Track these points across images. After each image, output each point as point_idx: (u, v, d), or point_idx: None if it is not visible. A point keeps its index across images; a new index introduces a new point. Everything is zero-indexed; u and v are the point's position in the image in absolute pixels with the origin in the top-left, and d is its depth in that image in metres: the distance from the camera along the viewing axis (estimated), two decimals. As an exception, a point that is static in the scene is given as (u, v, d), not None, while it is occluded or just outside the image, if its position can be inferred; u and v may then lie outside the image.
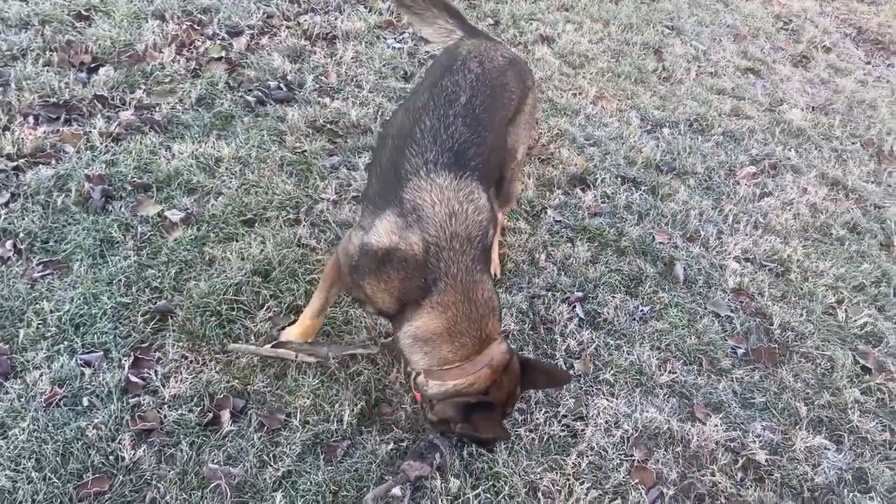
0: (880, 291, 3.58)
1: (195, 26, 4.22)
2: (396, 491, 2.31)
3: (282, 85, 3.94)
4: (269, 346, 2.62)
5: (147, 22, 4.10)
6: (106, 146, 3.25)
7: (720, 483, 2.56)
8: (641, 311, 3.16)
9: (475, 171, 2.30)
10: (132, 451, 2.24)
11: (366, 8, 4.90)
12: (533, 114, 2.99)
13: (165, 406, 2.39)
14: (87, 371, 2.41)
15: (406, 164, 2.25)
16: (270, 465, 2.31)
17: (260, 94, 3.85)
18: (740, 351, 3.10)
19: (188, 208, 3.08)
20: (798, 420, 2.86)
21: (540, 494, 2.41)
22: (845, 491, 2.64)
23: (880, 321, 3.39)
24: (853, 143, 4.79)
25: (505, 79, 2.65)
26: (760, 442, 2.72)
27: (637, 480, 2.51)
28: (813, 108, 5.11)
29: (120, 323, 2.60)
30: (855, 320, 3.36)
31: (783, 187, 4.16)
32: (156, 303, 2.68)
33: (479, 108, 2.41)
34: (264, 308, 2.75)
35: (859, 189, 4.30)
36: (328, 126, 3.78)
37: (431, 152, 2.25)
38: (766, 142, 4.57)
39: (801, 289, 3.49)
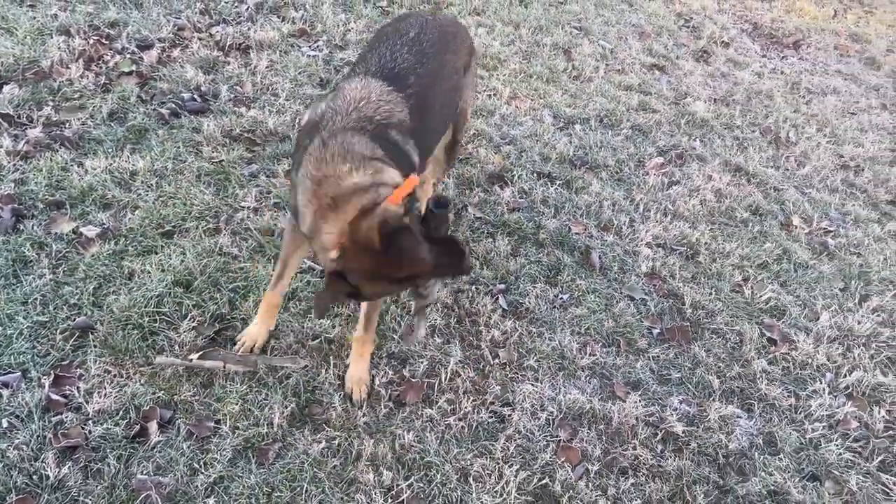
0: (782, 268, 3.81)
1: (103, 41, 4.15)
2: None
3: (196, 96, 3.92)
4: (196, 356, 2.62)
5: (52, 38, 4.01)
6: (14, 165, 3.18)
7: (641, 456, 2.69)
8: (561, 298, 3.28)
9: (409, 97, 2.45)
10: (57, 469, 2.21)
11: (279, 17, 4.91)
12: (475, 81, 3.22)
13: (90, 422, 2.37)
14: (5, 392, 2.36)
15: (352, 77, 2.51)
16: (202, 473, 2.31)
17: (174, 105, 3.82)
18: (655, 331, 3.25)
19: (104, 223, 3.04)
20: (712, 392, 3.02)
21: (471, 480, 2.49)
22: (756, 454, 2.81)
23: (783, 295, 3.61)
24: (753, 132, 5.07)
25: (455, 29, 2.97)
26: (677, 415, 2.87)
27: (563, 459, 2.61)
28: (715, 100, 5.38)
29: (38, 342, 2.55)
30: (760, 296, 3.57)
31: (690, 175, 4.38)
32: (75, 319, 2.64)
33: (426, 42, 2.65)
34: (188, 318, 2.74)
35: (760, 174, 4.56)
36: (245, 135, 3.78)
37: (374, 66, 2.51)
38: (673, 133, 4.79)
39: (710, 269, 3.68)
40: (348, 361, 2.72)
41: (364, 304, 2.60)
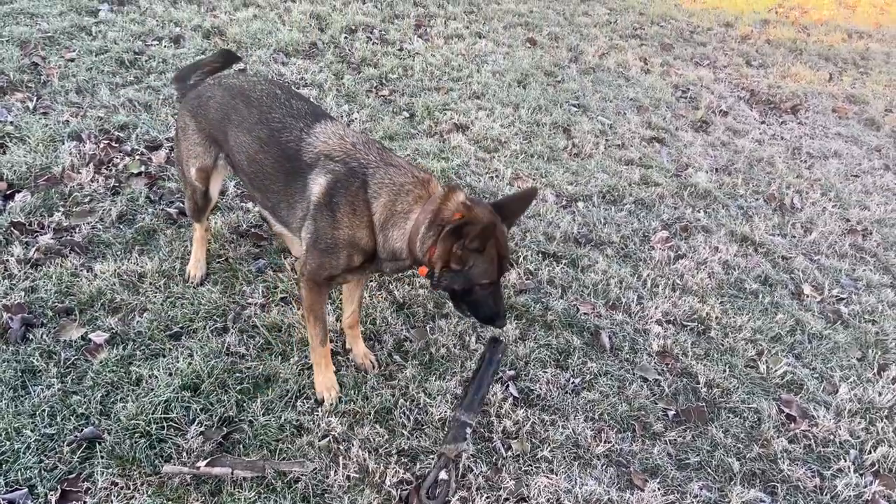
0: (796, 339, 3.76)
1: (113, 144, 4.26)
2: (443, 475, 2.62)
3: (203, 194, 3.99)
4: (204, 463, 2.58)
5: (63, 144, 4.13)
6: (25, 273, 3.23)
7: (664, 548, 2.61)
8: (573, 383, 3.24)
9: None
10: (62, 591, 2.16)
11: (283, 111, 5.03)
12: None
13: (96, 538, 2.32)
14: (12, 511, 2.33)
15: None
16: (210, 588, 2.25)
17: (181, 205, 3.88)
18: (671, 413, 3.19)
19: (113, 328, 3.05)
20: (732, 475, 2.94)
21: (488, 583, 2.40)
22: (784, 541, 2.72)
23: (799, 368, 3.55)
24: (757, 200, 5.09)
25: None
26: (698, 502, 2.79)
27: (582, 556, 2.53)
28: (716, 169, 5.43)
29: (45, 455, 2.53)
30: (775, 370, 3.51)
31: (696, 248, 4.38)
32: (82, 430, 2.62)
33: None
34: (195, 423, 2.72)
35: (767, 243, 4.55)
36: (252, 230, 3.83)
37: None
38: (676, 206, 4.82)
39: (723, 345, 3.64)
40: (348, 346, 3.19)
41: (353, 292, 3.09)
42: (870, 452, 3.11)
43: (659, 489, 2.79)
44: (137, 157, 4.21)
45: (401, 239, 2.63)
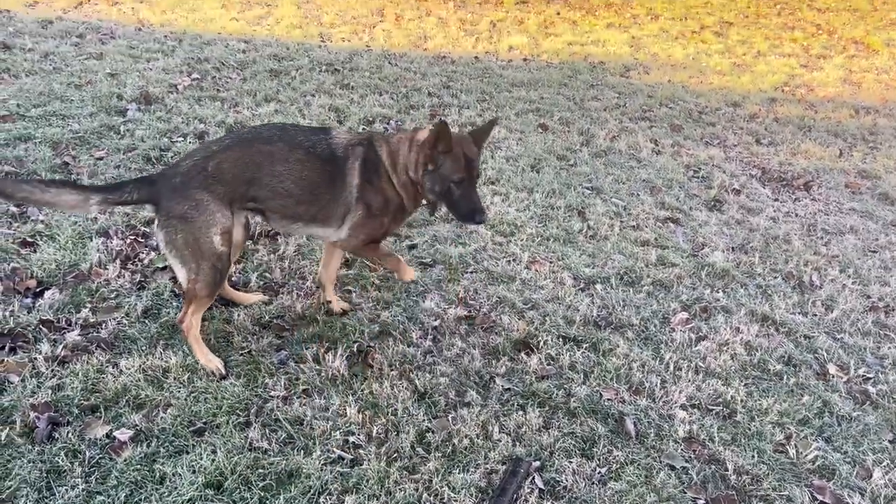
0: (824, 422, 3.70)
1: (139, 239, 4.38)
2: None
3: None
4: (226, 562, 2.55)
5: (92, 241, 4.25)
6: (52, 371, 3.27)
7: None
8: (599, 473, 3.19)
9: None
10: None
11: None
12: None
13: None
14: None
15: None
16: None
17: (205, 298, 3.95)
18: (700, 502, 3.12)
19: (137, 425, 3.07)
20: (768, 568, 2.85)
21: None
22: None
23: (829, 453, 3.48)
24: (775, 278, 5.09)
25: None
26: None
27: None
28: (733, 248, 5.46)
29: (68, 559, 2.51)
30: (805, 455, 3.44)
31: (717, 329, 4.36)
32: (106, 531, 2.61)
33: None
34: (219, 522, 2.70)
35: (788, 322, 4.53)
36: (274, 321, 3.88)
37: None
38: (695, 286, 4.83)
39: (749, 429, 3.58)
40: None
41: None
42: (910, 541, 3.01)
43: (693, 585, 2.71)
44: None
45: (402, 171, 3.51)
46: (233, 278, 4.17)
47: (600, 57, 9.88)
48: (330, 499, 2.87)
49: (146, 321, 3.73)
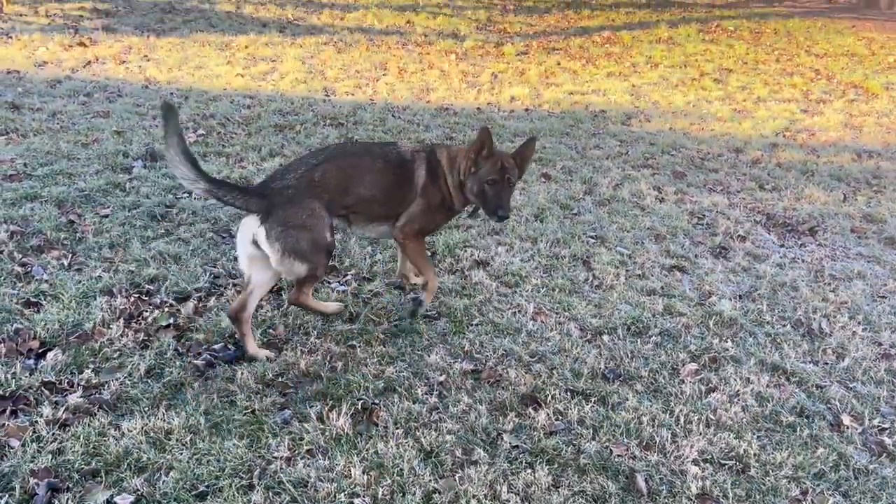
0: (840, 476, 3.61)
1: (143, 297, 4.38)
2: None
3: (229, 345, 4.04)
4: None
5: (95, 300, 4.24)
6: (53, 434, 3.23)
7: None
8: (610, 533, 3.10)
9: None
10: None
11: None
12: None
13: None
14: None
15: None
16: None
17: (209, 357, 3.93)
18: (716, 563, 3.03)
19: (139, 489, 3.01)
20: None
21: None
22: None
23: (848, 508, 3.39)
24: (784, 326, 5.04)
25: None
26: None
27: None
28: (740, 296, 5.41)
29: None
30: (823, 511, 3.35)
31: (727, 380, 4.30)
32: None
33: None
34: (220, 592, 2.62)
35: (799, 371, 4.47)
36: (278, 379, 3.84)
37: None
38: (703, 336, 4.78)
39: (764, 484, 3.49)
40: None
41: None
42: None
43: None
44: (166, 310, 4.30)
45: (455, 174, 4.25)
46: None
47: (601, 105, 9.99)
48: None
49: (149, 381, 3.70)
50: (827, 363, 4.63)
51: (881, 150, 9.35)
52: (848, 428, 3.99)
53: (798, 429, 3.93)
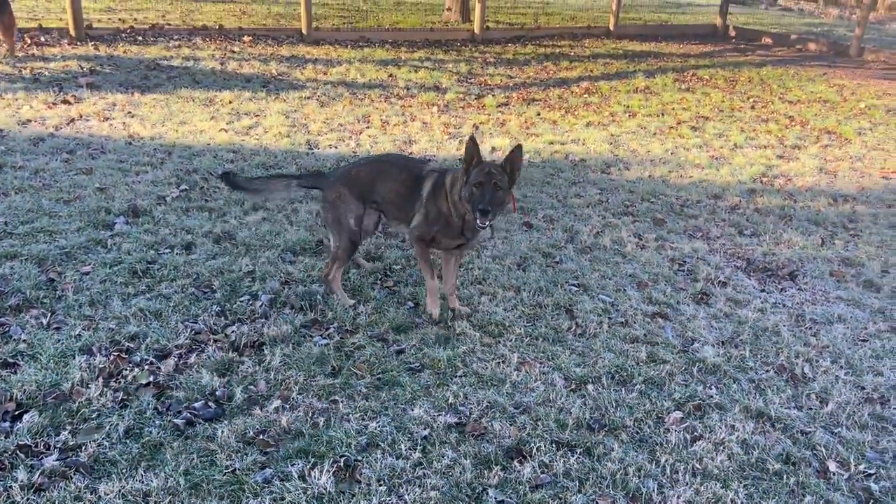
0: (829, 523, 3.58)
1: (122, 355, 4.33)
2: None
3: (210, 402, 3.99)
4: None
5: (74, 359, 4.19)
6: (28, 500, 3.16)
7: None
8: (598, 589, 3.05)
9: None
10: None
11: (291, 309, 5.16)
12: None
13: None
14: None
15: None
16: None
17: (189, 415, 3.87)
18: None
19: (114, 556, 2.94)
20: None
21: None
22: None
23: (837, 557, 3.36)
24: (767, 371, 5.05)
25: None
26: None
27: None
28: (722, 342, 5.43)
29: None
30: (812, 560, 3.31)
31: (712, 428, 4.29)
32: None
33: None
34: None
35: (783, 417, 4.46)
36: (259, 437, 3.79)
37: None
38: (687, 383, 4.77)
39: (753, 534, 3.46)
40: (451, 305, 5.47)
41: (448, 268, 5.42)
42: None
43: None
44: (146, 367, 4.25)
45: (455, 193, 4.85)
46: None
47: (581, 154, 10.12)
48: None
49: (127, 441, 3.64)
50: (811, 408, 4.63)
51: (856, 195, 9.51)
52: (834, 475, 3.97)
53: (784, 476, 3.92)
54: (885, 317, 6.14)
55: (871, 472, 4.01)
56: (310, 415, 4.03)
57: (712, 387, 4.76)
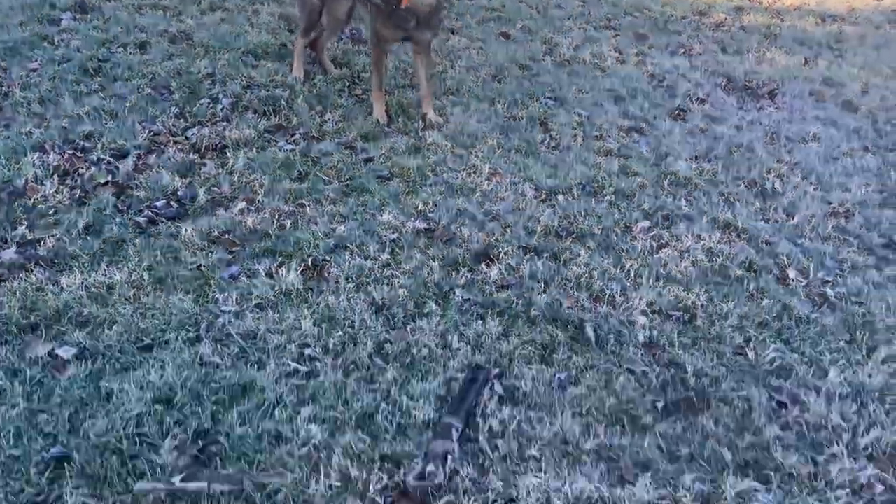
0: (783, 325, 3.70)
1: (78, 154, 4.15)
2: (431, 467, 2.58)
3: (172, 202, 3.89)
4: (179, 479, 2.48)
5: (26, 156, 4.01)
6: (-14, 290, 3.11)
7: (658, 544, 2.53)
8: (559, 378, 3.16)
9: None
10: None
11: (254, 114, 4.94)
12: None
13: (66, 563, 2.22)
14: (-26, 540, 2.22)
15: None
16: None
17: (151, 213, 3.78)
18: (660, 405, 3.11)
19: (81, 342, 2.95)
20: (725, 466, 2.87)
21: (478, 589, 2.32)
22: (780, 531, 2.64)
23: (787, 354, 3.49)
24: (738, 186, 5.04)
25: None
26: (692, 495, 2.70)
27: (575, 557, 2.45)
28: (696, 157, 5.37)
29: (11, 479, 2.41)
30: (764, 357, 3.45)
31: (678, 236, 4.32)
32: (50, 450, 2.51)
33: None
34: (169, 437, 2.61)
35: (750, 229, 4.50)
36: (224, 236, 3.73)
37: None
38: (657, 195, 4.76)
39: (710, 333, 3.57)
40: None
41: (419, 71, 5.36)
42: (862, 436, 3.05)
43: (651, 483, 2.71)
44: (104, 167, 4.09)
45: None
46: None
47: (564, -36, 9.52)
48: (286, 411, 2.80)
49: (88, 238, 3.56)
50: (777, 221, 4.67)
51: (845, 14, 9.18)
52: (793, 281, 4.07)
53: (745, 282, 4.00)
54: (860, 136, 6.10)
55: (829, 279, 4.11)
56: (276, 217, 3.96)
57: (682, 199, 4.75)
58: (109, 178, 3.99)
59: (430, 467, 2.60)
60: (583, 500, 2.64)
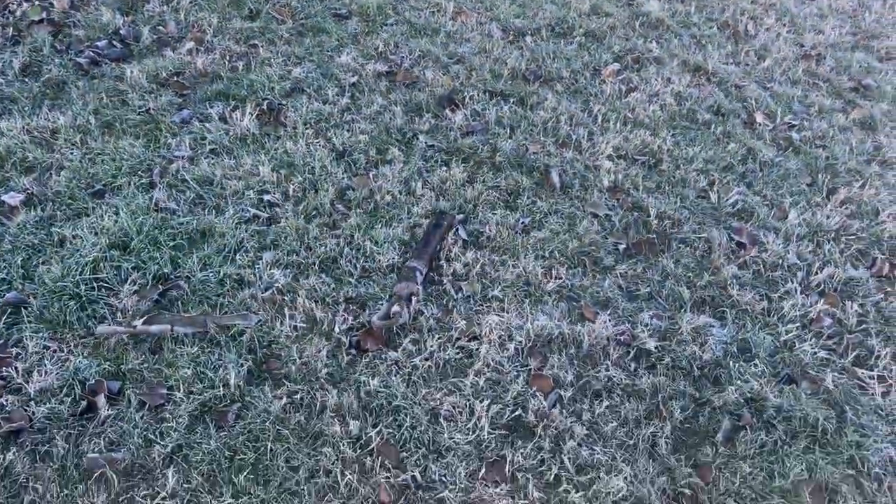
0: (747, 168, 3.70)
1: (6, -12, 3.81)
2: (396, 308, 2.61)
3: (115, 42, 3.63)
4: (141, 322, 2.47)
5: (-52, -11, 3.67)
6: (-80, 134, 2.93)
7: (615, 376, 2.62)
8: (522, 222, 3.15)
9: None
10: (1, 456, 2.08)
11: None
12: None
13: (32, 402, 2.23)
14: (-65, 383, 2.21)
15: None
16: (158, 443, 2.20)
17: (92, 54, 3.54)
18: (622, 246, 3.14)
19: (28, 188, 2.83)
20: (682, 304, 2.95)
21: (442, 420, 2.40)
22: (731, 363, 2.75)
23: (749, 196, 3.51)
24: (710, 28, 4.87)
25: None
26: (649, 331, 2.79)
27: (535, 388, 2.53)
28: (669, -2, 5.15)
29: (-33, 324, 2.38)
30: (726, 199, 3.47)
31: (648, 80, 4.21)
32: (4, 295, 2.47)
33: None
34: (128, 282, 2.58)
35: (720, 72, 4.40)
36: (173, 79, 3.53)
37: None
38: (628, 37, 4.59)
39: (674, 177, 3.56)
40: None
41: None
42: (816, 273, 3.14)
43: (610, 320, 2.78)
44: (38, 3, 3.78)
45: None
46: None
47: None
48: (247, 255, 2.77)
49: (26, 80, 3.33)
50: (748, 64, 4.56)
51: None
52: (760, 125, 4.03)
53: (713, 126, 3.95)
54: (838, -23, 5.88)
55: (795, 123, 4.08)
56: (227, 58, 3.74)
57: (653, 41, 4.59)
58: (44, 15, 3.69)
59: (395, 308, 2.62)
60: (543, 336, 2.70)
